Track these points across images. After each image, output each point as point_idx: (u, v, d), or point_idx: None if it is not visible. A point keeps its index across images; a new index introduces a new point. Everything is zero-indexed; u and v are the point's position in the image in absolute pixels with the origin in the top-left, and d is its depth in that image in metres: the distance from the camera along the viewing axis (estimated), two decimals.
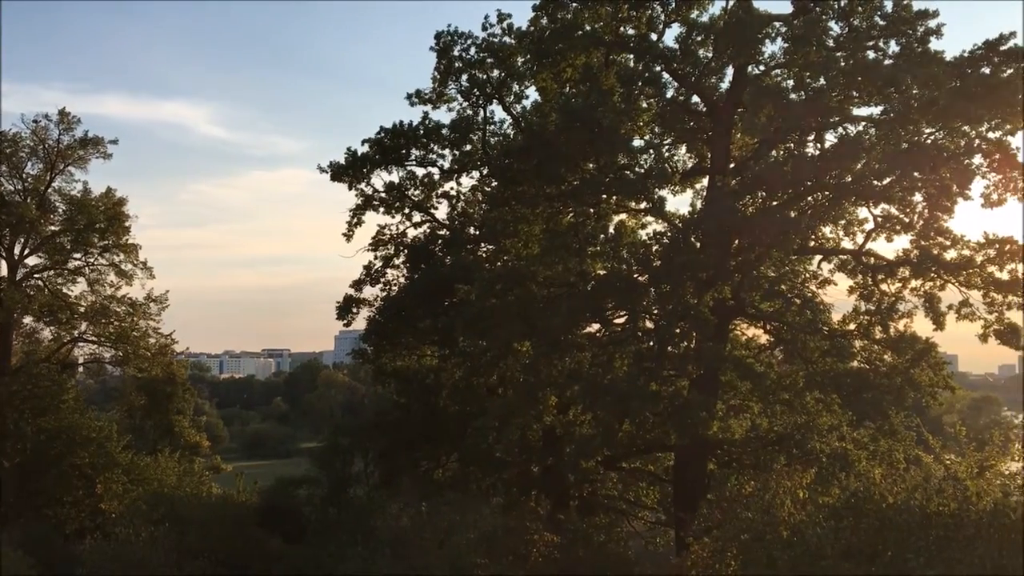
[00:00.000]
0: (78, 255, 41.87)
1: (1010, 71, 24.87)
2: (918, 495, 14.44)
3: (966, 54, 25.30)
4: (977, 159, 25.72)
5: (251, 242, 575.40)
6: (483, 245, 34.22)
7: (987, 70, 25.08)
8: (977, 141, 25.67)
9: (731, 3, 28.13)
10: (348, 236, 34.87)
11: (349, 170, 33.88)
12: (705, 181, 30.36)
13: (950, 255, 26.45)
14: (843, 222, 28.58)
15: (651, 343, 27.15)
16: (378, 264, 35.36)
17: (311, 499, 38.40)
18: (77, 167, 41.50)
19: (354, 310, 35.43)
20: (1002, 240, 25.67)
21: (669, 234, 28.00)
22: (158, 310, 42.35)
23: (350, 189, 34.38)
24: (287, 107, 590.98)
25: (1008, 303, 25.76)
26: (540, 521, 26.88)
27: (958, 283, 26.38)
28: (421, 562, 23.66)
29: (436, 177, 34.70)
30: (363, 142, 33.76)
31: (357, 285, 35.41)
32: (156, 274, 42.41)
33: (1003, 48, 24.93)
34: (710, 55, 28.12)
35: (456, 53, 32.39)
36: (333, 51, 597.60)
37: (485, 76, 32.77)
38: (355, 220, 34.72)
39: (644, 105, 28.24)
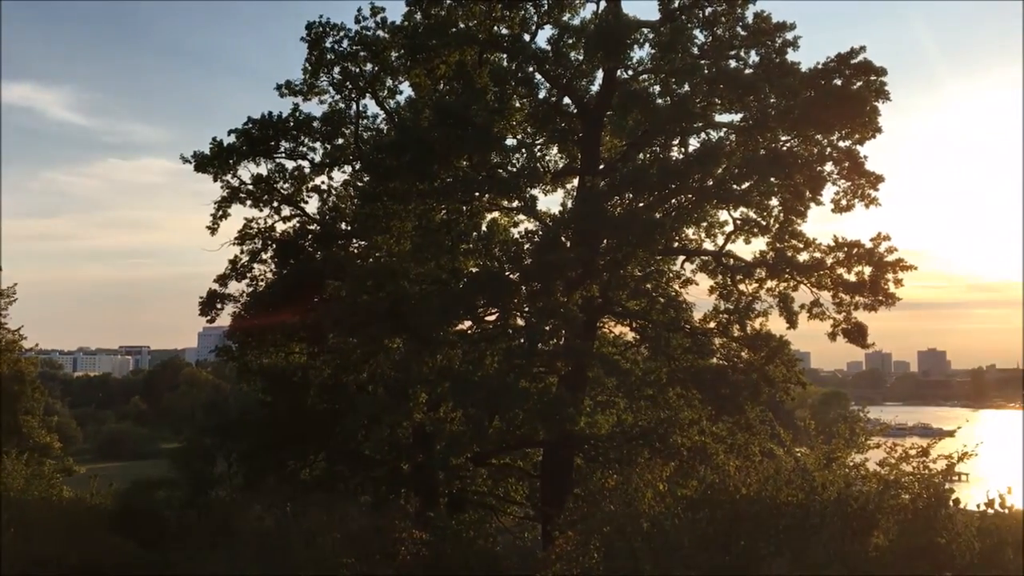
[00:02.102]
0: None
1: (860, 83, 26.44)
2: (769, 486, 15.13)
3: (820, 66, 26.73)
4: (828, 166, 27.27)
5: (107, 233, 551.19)
6: (354, 241, 33.70)
7: (839, 82, 26.58)
8: (829, 149, 27.22)
9: (601, 7, 28.75)
10: (213, 229, 33.60)
11: (214, 161, 32.64)
12: (576, 181, 30.89)
13: (803, 257, 27.92)
14: (705, 224, 29.69)
15: (521, 340, 27.44)
16: (244, 259, 34.21)
17: (170, 501, 36.98)
18: None
19: (218, 306, 34.20)
20: (850, 244, 27.24)
21: (540, 233, 28.37)
22: (5, 304, 39.94)
23: (215, 181, 33.15)
24: (145, 93, 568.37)
25: (855, 303, 27.36)
26: (409, 519, 26.73)
27: (810, 284, 27.83)
28: (286, 563, 23.15)
29: (307, 170, 33.88)
30: (229, 132, 32.59)
31: (222, 280, 34.19)
32: (3, 266, 39.90)
33: (853, 61, 26.50)
34: (581, 58, 28.63)
35: (328, 45, 31.74)
36: (196, 35, 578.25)
37: (358, 69, 32.25)
38: (220, 213, 33.49)
39: (517, 105, 28.51)
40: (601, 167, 29.28)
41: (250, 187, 33.43)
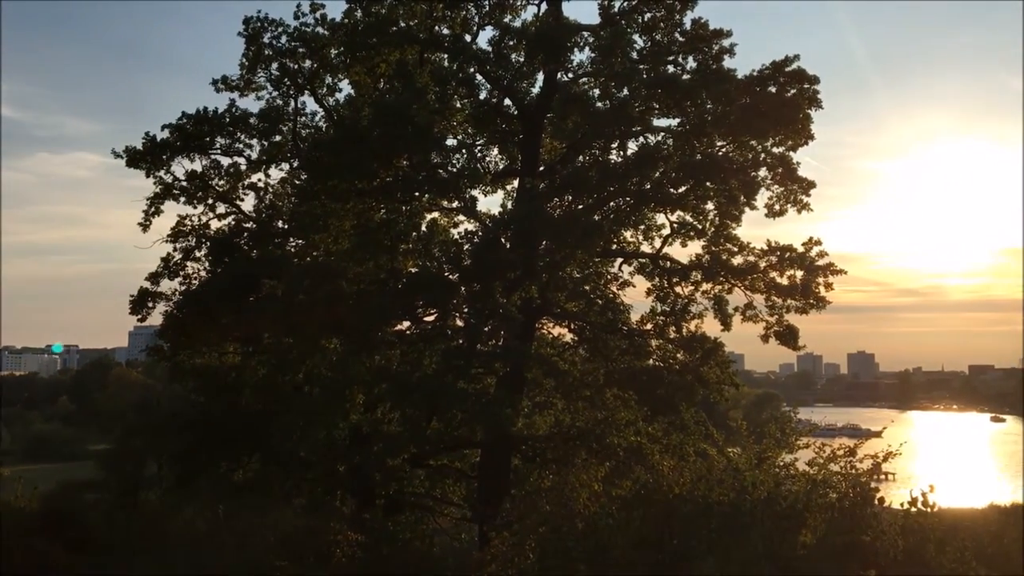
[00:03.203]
0: None
1: (793, 91, 27.04)
2: (701, 486, 15.37)
3: (755, 73, 27.26)
4: (762, 172, 27.88)
5: (36, 229, 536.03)
6: (291, 239, 33.25)
7: (774, 89, 27.14)
8: (763, 155, 27.84)
9: (542, 10, 28.88)
10: (145, 226, 32.86)
11: (147, 156, 31.91)
12: (516, 183, 30.95)
13: (737, 261, 28.47)
14: (643, 227, 30.03)
15: (460, 341, 27.40)
16: (178, 256, 33.51)
17: (98, 504, 36.08)
18: None
19: (150, 304, 33.40)
20: (782, 248, 27.84)
21: (480, 234, 28.36)
22: None
23: (148, 176, 32.42)
24: (77, 86, 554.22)
25: (787, 306, 28.00)
26: (344, 521, 26.49)
27: (744, 287, 28.39)
28: (218, 566, 22.75)
29: (243, 167, 33.34)
30: (163, 127, 31.94)
31: (154, 278, 33.42)
32: None
33: (788, 69, 27.09)
34: (522, 60, 28.71)
35: (266, 40, 31.30)
36: (129, 28, 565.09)
37: (297, 66, 31.85)
38: (153, 209, 32.77)
39: (458, 105, 28.45)
40: (541, 169, 29.42)
41: (184, 184, 32.78)
